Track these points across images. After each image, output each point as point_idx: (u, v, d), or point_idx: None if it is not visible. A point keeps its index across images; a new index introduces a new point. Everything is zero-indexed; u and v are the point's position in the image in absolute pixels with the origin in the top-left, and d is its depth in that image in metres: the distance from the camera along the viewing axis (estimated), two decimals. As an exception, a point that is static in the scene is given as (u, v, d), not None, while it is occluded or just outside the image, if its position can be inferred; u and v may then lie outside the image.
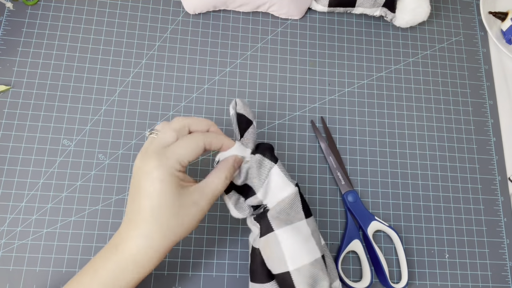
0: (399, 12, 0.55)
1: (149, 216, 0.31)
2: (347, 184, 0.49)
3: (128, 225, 0.33)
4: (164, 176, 0.31)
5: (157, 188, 0.31)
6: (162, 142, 0.34)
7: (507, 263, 0.50)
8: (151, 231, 0.32)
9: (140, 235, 0.32)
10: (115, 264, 0.32)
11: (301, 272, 0.36)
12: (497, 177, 0.53)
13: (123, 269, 0.32)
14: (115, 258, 0.32)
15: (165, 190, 0.31)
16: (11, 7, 0.51)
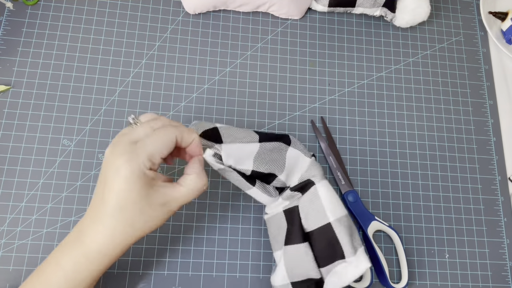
0: (399, 12, 0.55)
1: (112, 212, 0.31)
2: (347, 184, 0.49)
3: (91, 217, 0.32)
4: (131, 174, 0.30)
5: (122, 186, 0.31)
6: (135, 136, 0.33)
7: (507, 263, 0.50)
8: (114, 227, 0.31)
9: (103, 229, 0.32)
10: (78, 255, 0.32)
11: (341, 222, 0.40)
12: (497, 177, 0.53)
13: (86, 260, 0.32)
14: (78, 249, 0.32)
15: (131, 189, 0.31)
16: (11, 7, 0.51)
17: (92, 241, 0.32)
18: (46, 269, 0.33)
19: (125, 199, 0.31)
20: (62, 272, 0.32)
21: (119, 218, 0.31)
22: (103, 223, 0.31)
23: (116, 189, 0.31)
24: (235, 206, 0.48)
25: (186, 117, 0.50)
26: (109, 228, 0.31)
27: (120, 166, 0.31)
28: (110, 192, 0.31)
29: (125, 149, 0.31)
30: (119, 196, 0.31)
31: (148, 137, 0.32)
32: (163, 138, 0.32)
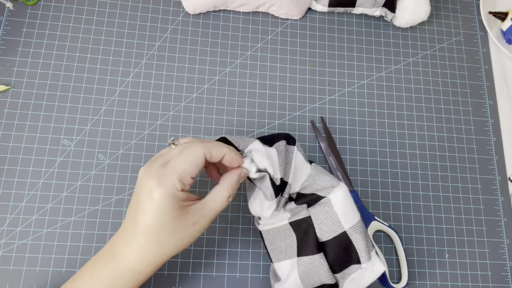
0: (399, 12, 0.55)
1: (144, 233, 0.32)
2: (347, 184, 0.49)
3: (125, 234, 0.33)
4: (163, 197, 0.31)
5: (154, 209, 0.31)
6: (167, 158, 0.33)
7: (507, 263, 0.50)
8: (147, 248, 0.32)
9: (135, 249, 0.32)
10: (113, 272, 0.33)
11: (356, 228, 0.40)
12: (497, 177, 0.53)
13: (120, 277, 0.33)
14: (112, 266, 0.33)
15: (163, 212, 0.31)
16: (11, 7, 0.51)
17: (125, 260, 0.32)
18: (81, 283, 0.34)
19: (157, 221, 0.31)
20: (97, 286, 0.33)
21: (151, 239, 0.32)
22: (136, 243, 0.32)
23: (148, 211, 0.31)
24: (235, 206, 0.48)
25: (186, 117, 0.50)
26: (141, 248, 0.32)
27: (152, 188, 0.31)
28: (142, 213, 0.31)
29: (157, 172, 0.32)
30: (151, 218, 0.31)
31: (176, 158, 0.32)
32: (190, 157, 0.32)
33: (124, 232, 0.33)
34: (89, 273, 0.34)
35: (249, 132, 0.50)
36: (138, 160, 0.48)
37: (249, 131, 0.50)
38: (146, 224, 0.31)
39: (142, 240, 0.32)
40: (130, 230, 0.32)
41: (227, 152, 0.34)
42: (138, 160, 0.48)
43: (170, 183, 0.31)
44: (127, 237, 0.33)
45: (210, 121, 0.50)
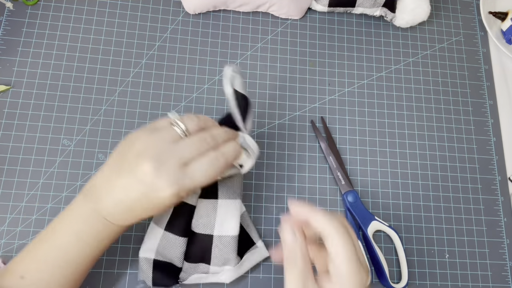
0: (399, 12, 0.55)
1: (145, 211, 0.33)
2: (347, 184, 0.49)
3: (115, 202, 0.33)
4: (173, 200, 0.32)
5: (162, 207, 0.33)
6: (184, 157, 0.31)
7: (507, 263, 0.49)
8: (141, 215, 0.34)
9: (130, 216, 0.33)
10: (101, 230, 0.34)
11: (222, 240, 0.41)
12: (497, 177, 0.53)
13: (109, 233, 0.34)
14: (101, 225, 0.34)
15: (166, 206, 0.33)
16: (11, 7, 0.51)
17: (118, 221, 0.34)
18: (63, 240, 0.34)
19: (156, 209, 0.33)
20: (85, 245, 0.34)
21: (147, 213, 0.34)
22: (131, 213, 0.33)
23: (155, 206, 0.32)
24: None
25: (186, 117, 0.50)
26: (137, 217, 0.34)
27: (165, 192, 0.31)
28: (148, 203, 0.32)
29: (173, 176, 0.30)
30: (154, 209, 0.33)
31: (197, 169, 0.31)
32: (212, 171, 0.32)
33: (117, 201, 0.33)
34: (70, 231, 0.34)
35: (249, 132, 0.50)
36: (138, 160, 0.48)
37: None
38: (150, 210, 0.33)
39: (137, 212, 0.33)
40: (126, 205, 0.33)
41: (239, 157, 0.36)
42: (138, 160, 0.48)
43: (185, 192, 0.31)
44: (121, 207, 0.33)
45: (210, 121, 0.50)
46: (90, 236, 0.34)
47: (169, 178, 0.30)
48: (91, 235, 0.34)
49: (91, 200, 0.34)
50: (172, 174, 0.30)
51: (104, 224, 0.34)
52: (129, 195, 0.32)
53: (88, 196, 0.34)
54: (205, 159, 0.32)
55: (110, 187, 0.33)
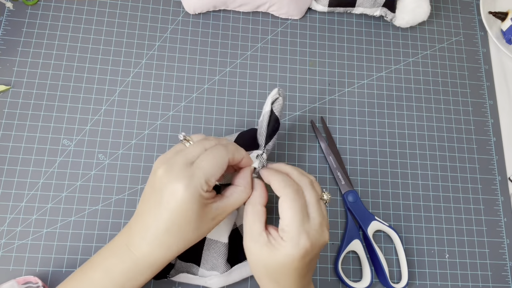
0: (399, 12, 0.55)
1: (169, 230, 0.32)
2: (347, 184, 0.49)
3: (144, 229, 0.33)
4: (190, 198, 0.31)
5: (181, 208, 0.31)
6: (190, 156, 0.33)
7: (507, 263, 0.49)
8: (170, 244, 0.33)
9: (157, 244, 0.32)
10: (129, 265, 0.33)
11: (213, 244, 0.41)
12: (497, 177, 0.53)
13: (136, 271, 0.33)
14: (128, 259, 0.33)
15: (188, 211, 0.32)
16: (11, 7, 0.51)
17: (143, 253, 0.33)
18: (93, 275, 0.34)
19: (181, 219, 0.32)
20: (110, 280, 0.33)
21: (174, 235, 0.32)
22: (157, 239, 0.32)
23: (174, 210, 0.31)
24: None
25: (186, 117, 0.50)
26: (164, 244, 0.32)
27: (179, 189, 0.31)
28: (166, 210, 0.32)
29: (183, 172, 0.32)
30: (176, 216, 0.32)
31: (203, 160, 0.33)
32: (217, 161, 0.33)
33: (143, 226, 0.33)
34: (101, 266, 0.34)
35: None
36: (138, 160, 0.48)
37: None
38: (171, 221, 0.32)
39: (164, 236, 0.32)
40: (151, 225, 0.32)
41: (246, 156, 0.36)
42: (138, 160, 0.48)
43: (198, 185, 0.31)
44: (147, 231, 0.33)
45: (210, 121, 0.50)
46: (119, 273, 0.33)
47: (178, 175, 0.31)
48: (120, 273, 0.33)
49: (125, 235, 0.34)
50: (180, 171, 0.32)
51: (132, 260, 0.33)
52: (150, 210, 0.32)
53: (124, 232, 0.35)
54: (209, 151, 0.33)
55: (138, 213, 0.34)
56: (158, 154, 0.48)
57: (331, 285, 0.46)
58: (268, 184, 0.36)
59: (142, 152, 0.48)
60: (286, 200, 0.33)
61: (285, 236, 0.33)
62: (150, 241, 0.32)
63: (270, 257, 0.33)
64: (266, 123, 0.39)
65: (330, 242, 0.48)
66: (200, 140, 0.35)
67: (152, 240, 0.32)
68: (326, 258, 0.47)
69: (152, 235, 0.32)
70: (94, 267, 0.34)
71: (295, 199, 0.33)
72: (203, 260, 0.42)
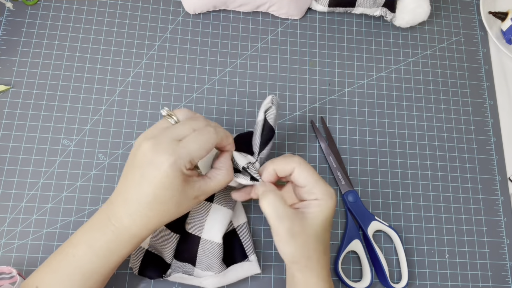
0: (399, 12, 0.55)
1: (150, 204, 0.33)
2: (347, 184, 0.49)
3: (127, 203, 0.33)
4: (172, 173, 0.32)
5: (163, 182, 0.32)
6: (177, 134, 0.34)
7: (507, 263, 0.49)
8: (150, 216, 0.33)
9: (139, 216, 0.33)
10: (111, 238, 0.34)
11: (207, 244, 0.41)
12: (497, 177, 0.53)
13: (118, 243, 0.34)
14: (110, 233, 0.34)
15: (170, 186, 0.32)
16: (11, 7, 0.51)
17: (125, 226, 0.34)
18: (76, 252, 0.34)
19: (164, 193, 0.32)
20: (94, 254, 0.34)
21: (156, 209, 0.33)
22: (139, 212, 0.33)
23: (156, 184, 0.32)
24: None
25: (186, 117, 0.50)
26: (145, 217, 0.33)
27: (163, 164, 0.32)
28: (149, 185, 0.32)
29: (168, 148, 0.32)
30: (158, 191, 0.32)
31: (190, 140, 0.33)
32: (205, 143, 0.34)
33: (125, 200, 0.33)
34: (84, 241, 0.34)
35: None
36: (138, 160, 0.48)
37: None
38: (153, 196, 0.32)
39: (146, 210, 0.33)
40: (132, 199, 0.33)
41: (232, 142, 0.37)
42: (138, 160, 0.48)
43: (182, 163, 0.32)
44: (128, 204, 0.33)
45: (210, 121, 0.50)
46: (102, 246, 0.34)
47: (166, 150, 0.32)
48: (103, 245, 0.34)
49: (106, 208, 0.35)
50: (168, 147, 0.32)
51: (114, 233, 0.34)
52: (133, 184, 0.33)
53: (104, 207, 0.35)
54: (197, 131, 0.34)
55: (119, 188, 0.35)
56: (158, 154, 0.48)
57: (331, 285, 0.46)
58: None
59: (142, 152, 0.48)
60: (302, 168, 0.36)
61: (319, 195, 0.36)
62: (131, 213, 0.33)
63: (317, 222, 0.35)
64: (259, 132, 0.39)
65: (330, 242, 0.47)
66: (189, 119, 0.36)
67: (133, 212, 0.33)
68: (326, 258, 0.47)
69: (133, 207, 0.33)
70: (75, 244, 0.35)
71: (306, 164, 0.37)
72: (198, 260, 0.42)
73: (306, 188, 0.36)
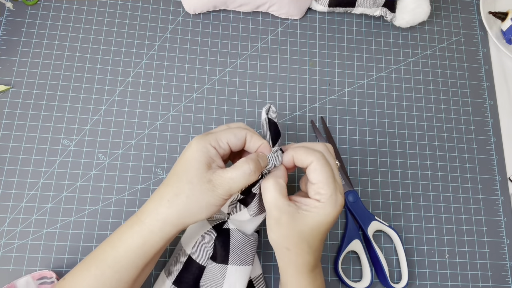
0: (399, 12, 0.55)
1: (169, 175, 0.35)
2: (347, 184, 0.49)
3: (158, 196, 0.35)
4: (197, 146, 0.34)
5: (189, 155, 0.34)
6: (214, 130, 0.37)
7: (507, 263, 0.49)
8: (179, 186, 0.34)
9: (170, 193, 0.34)
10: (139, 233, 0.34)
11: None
12: (497, 177, 0.53)
13: (148, 237, 0.34)
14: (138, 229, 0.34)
15: (195, 158, 0.34)
16: (11, 7, 0.51)
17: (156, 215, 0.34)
18: (108, 248, 0.35)
19: (180, 164, 0.35)
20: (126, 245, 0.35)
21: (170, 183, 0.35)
22: (171, 186, 0.35)
23: (182, 157, 0.35)
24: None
25: (186, 117, 0.50)
26: (175, 191, 0.34)
27: (192, 143, 0.35)
28: (178, 161, 0.35)
29: (202, 136, 0.35)
30: (177, 162, 0.35)
31: (219, 130, 0.36)
32: (234, 131, 0.36)
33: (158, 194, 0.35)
34: (117, 236, 0.35)
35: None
36: (138, 160, 0.48)
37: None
38: (173, 168, 0.35)
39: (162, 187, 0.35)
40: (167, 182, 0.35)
41: (265, 144, 0.37)
42: (138, 160, 0.48)
43: (207, 138, 0.35)
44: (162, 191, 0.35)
45: (210, 121, 0.50)
46: (134, 249, 0.34)
47: (198, 136, 0.35)
48: (135, 249, 0.34)
49: (138, 214, 0.36)
50: (200, 136, 0.35)
51: (145, 236, 0.34)
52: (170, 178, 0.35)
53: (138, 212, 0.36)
54: (231, 127, 0.37)
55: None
56: (158, 154, 0.48)
57: (331, 285, 0.46)
58: None
59: (142, 152, 0.48)
60: (317, 164, 0.34)
61: (323, 197, 0.34)
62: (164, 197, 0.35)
63: (306, 222, 0.34)
64: (267, 128, 0.39)
65: (330, 242, 0.48)
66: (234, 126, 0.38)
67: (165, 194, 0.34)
68: (326, 258, 0.47)
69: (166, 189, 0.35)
70: (109, 247, 0.35)
71: (325, 162, 0.35)
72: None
73: (315, 186, 0.35)
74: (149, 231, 0.34)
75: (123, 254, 0.34)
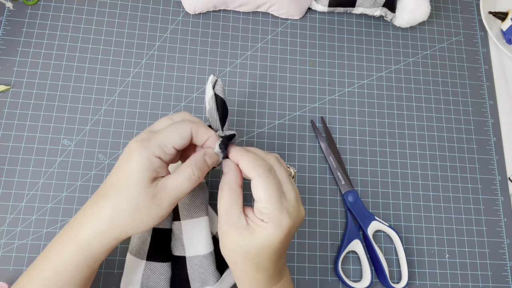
0: (399, 12, 0.55)
1: (104, 184, 0.32)
2: (347, 184, 0.49)
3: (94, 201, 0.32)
4: (140, 158, 0.31)
5: (131, 165, 0.31)
6: (155, 127, 0.33)
7: (507, 263, 0.50)
8: (120, 202, 0.31)
9: (109, 208, 0.31)
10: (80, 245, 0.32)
11: (194, 260, 0.41)
12: (497, 177, 0.53)
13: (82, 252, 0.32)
14: (78, 242, 0.32)
15: (136, 170, 0.31)
16: (11, 7, 0.51)
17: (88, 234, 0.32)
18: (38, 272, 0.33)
19: (118, 177, 0.32)
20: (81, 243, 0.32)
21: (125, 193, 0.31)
22: (109, 198, 0.31)
23: (122, 166, 0.32)
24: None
25: (186, 117, 0.50)
26: (114, 203, 0.31)
27: (132, 149, 0.31)
28: (115, 168, 0.32)
29: (142, 136, 0.32)
30: (115, 172, 0.32)
31: (164, 129, 0.32)
32: (178, 129, 0.32)
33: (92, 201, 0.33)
34: (53, 253, 0.32)
35: (249, 132, 0.50)
36: (138, 160, 0.48)
37: (249, 131, 0.50)
38: (116, 176, 0.32)
39: (96, 197, 0.32)
40: (102, 192, 0.32)
41: (212, 136, 0.34)
42: (138, 160, 0.48)
43: (150, 146, 0.31)
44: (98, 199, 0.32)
45: (210, 121, 0.50)
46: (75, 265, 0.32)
47: (138, 137, 0.32)
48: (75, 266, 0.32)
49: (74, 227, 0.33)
50: (141, 135, 0.33)
51: (84, 250, 0.32)
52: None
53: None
54: (175, 123, 0.33)
55: None
56: (158, 154, 0.48)
57: (331, 285, 0.46)
58: None
59: (142, 152, 0.48)
60: (260, 180, 0.31)
61: (266, 218, 0.31)
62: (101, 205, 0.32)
63: (251, 240, 0.31)
64: (214, 107, 0.36)
65: (330, 242, 0.48)
66: (177, 116, 0.35)
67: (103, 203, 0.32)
68: (326, 258, 0.47)
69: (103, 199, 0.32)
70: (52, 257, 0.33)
71: (269, 178, 0.31)
72: (191, 279, 0.41)
73: (257, 204, 0.31)
74: (88, 244, 0.32)
75: (63, 271, 0.32)
